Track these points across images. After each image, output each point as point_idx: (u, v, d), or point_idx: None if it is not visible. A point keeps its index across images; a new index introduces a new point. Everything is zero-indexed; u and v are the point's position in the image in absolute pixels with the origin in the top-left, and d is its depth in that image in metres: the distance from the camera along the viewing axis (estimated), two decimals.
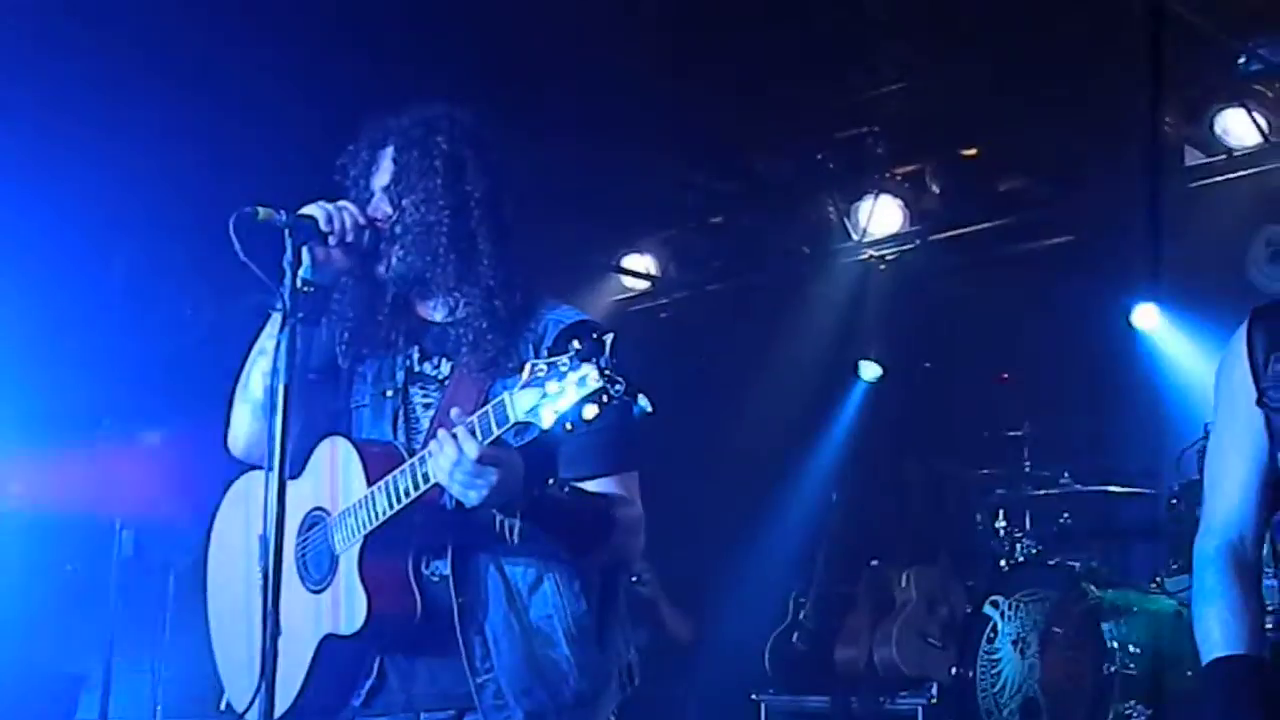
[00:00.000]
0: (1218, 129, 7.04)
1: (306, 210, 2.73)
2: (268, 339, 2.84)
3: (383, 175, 2.83)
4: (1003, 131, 7.53)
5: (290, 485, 2.65)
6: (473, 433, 2.49)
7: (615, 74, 6.85)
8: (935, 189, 7.97)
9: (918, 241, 8.11)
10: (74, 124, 6.46)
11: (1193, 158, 7.20)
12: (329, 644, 2.71)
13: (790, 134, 7.92)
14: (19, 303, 6.23)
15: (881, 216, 8.11)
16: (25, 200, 6.37)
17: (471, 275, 2.78)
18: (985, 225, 7.86)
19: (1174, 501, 6.05)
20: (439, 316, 2.88)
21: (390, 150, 2.83)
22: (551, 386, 2.38)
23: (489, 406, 2.49)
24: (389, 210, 2.80)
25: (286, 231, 2.65)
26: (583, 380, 2.35)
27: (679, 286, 9.05)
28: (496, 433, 2.48)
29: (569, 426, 2.38)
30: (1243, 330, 2.56)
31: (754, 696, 7.63)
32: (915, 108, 7.49)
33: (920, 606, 7.42)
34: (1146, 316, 7.28)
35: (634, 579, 6.88)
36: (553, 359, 2.40)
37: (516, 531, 2.61)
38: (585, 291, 8.63)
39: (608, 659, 2.80)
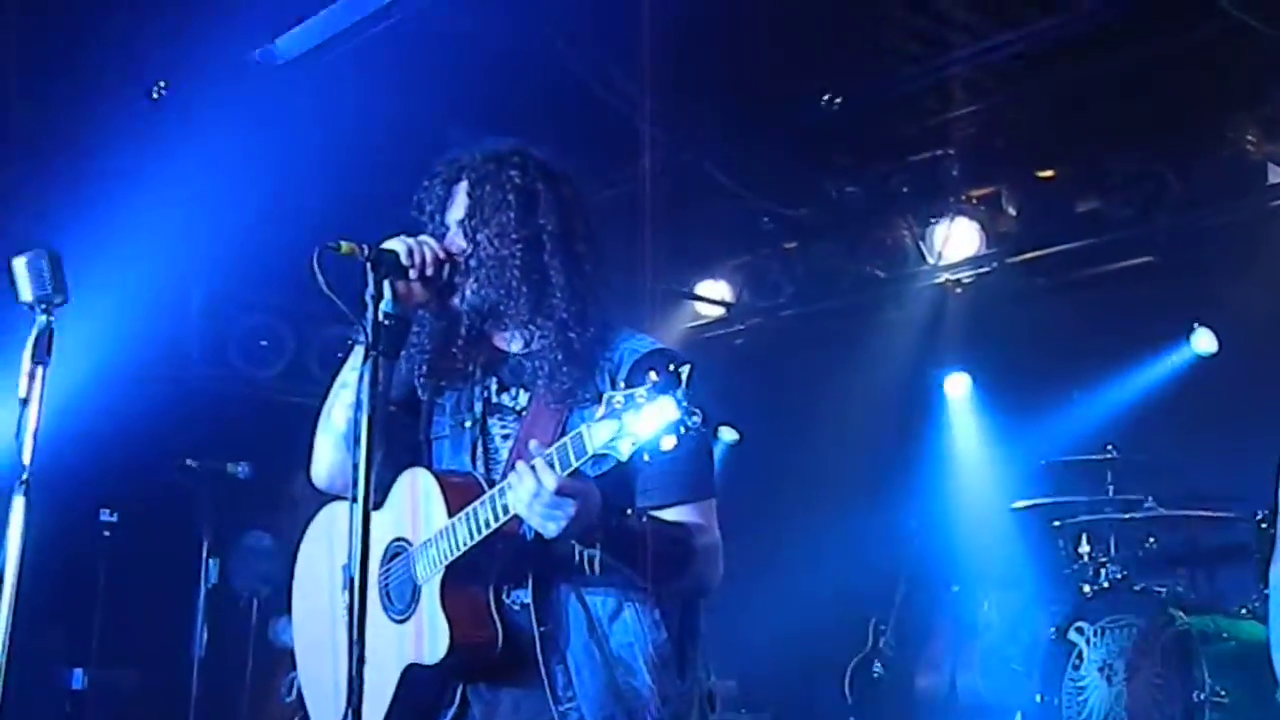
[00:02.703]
0: None
1: (388, 244, 2.78)
2: (350, 371, 2.89)
3: (457, 210, 2.88)
4: (1080, 153, 7.47)
5: (373, 516, 2.70)
6: (551, 465, 2.52)
7: (687, 100, 6.89)
8: (1012, 211, 7.92)
9: (994, 264, 8.05)
10: (154, 157, 6.58)
11: (1276, 176, 7.09)
12: (412, 673, 2.74)
13: (864, 158, 7.91)
14: (101, 334, 6.36)
15: (957, 239, 8.06)
16: (105, 235, 6.50)
17: (545, 308, 2.81)
18: (1063, 247, 7.78)
19: (1263, 524, 5.94)
20: (515, 348, 2.92)
21: (465, 185, 2.88)
22: (629, 418, 2.40)
23: (567, 439, 2.52)
24: (464, 244, 2.85)
25: (369, 265, 2.69)
26: (661, 412, 2.37)
27: (753, 313, 9.04)
28: (575, 464, 2.50)
29: (646, 457, 2.40)
30: None
31: None
32: (990, 130, 7.45)
33: (1003, 632, 7.34)
34: (1204, 341, 7.21)
35: None
36: (630, 390, 2.42)
37: (596, 562, 2.63)
38: (659, 318, 8.66)
39: (688, 687, 2.81)
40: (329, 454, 2.97)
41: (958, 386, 8.43)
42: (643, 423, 2.38)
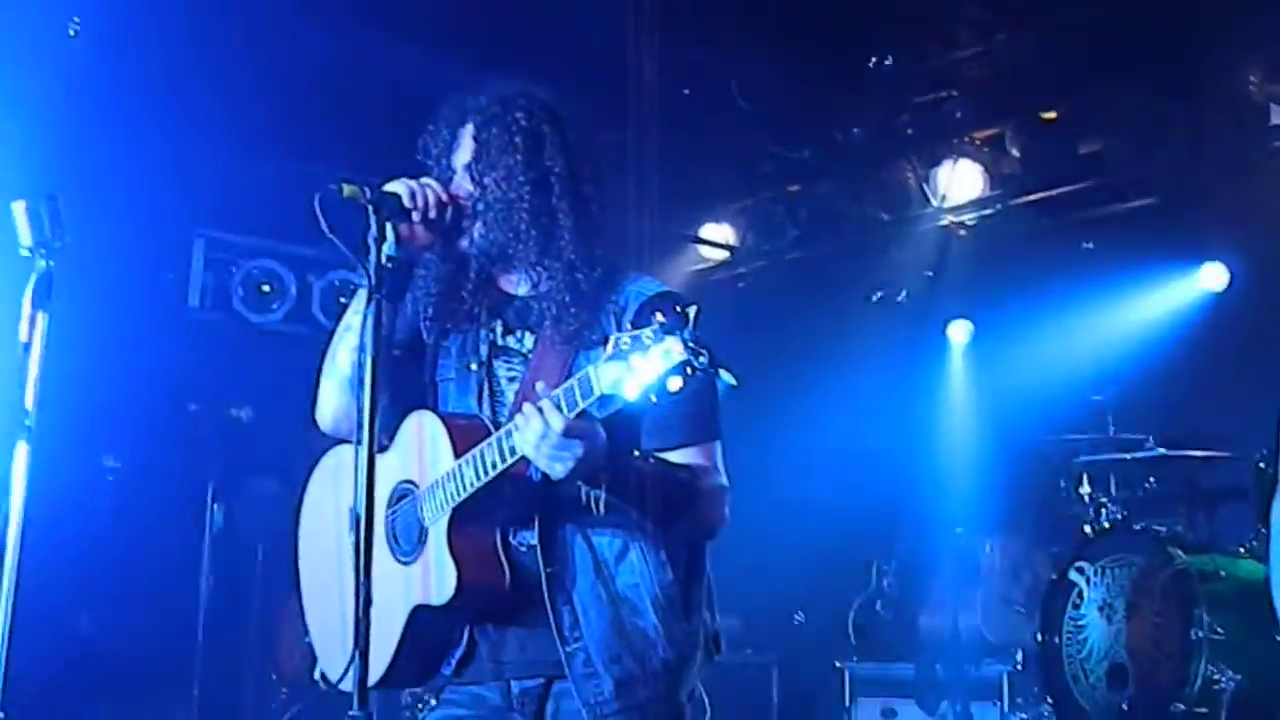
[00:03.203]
0: None
1: (390, 186, 2.77)
2: (353, 315, 2.89)
3: (463, 153, 2.87)
4: (1082, 94, 7.43)
5: (379, 459, 2.70)
6: (558, 406, 2.52)
7: (690, 44, 6.85)
8: (1015, 153, 7.89)
9: (998, 206, 8.03)
10: (155, 101, 6.55)
11: (1278, 117, 7.06)
12: (420, 614, 2.76)
13: (868, 100, 7.87)
14: (103, 280, 6.36)
15: (961, 181, 8.04)
16: (108, 180, 6.48)
17: (553, 249, 2.81)
18: (1066, 189, 7.77)
19: (1261, 465, 5.96)
20: (522, 290, 2.91)
21: (470, 128, 2.87)
22: (636, 359, 2.40)
23: (574, 380, 2.52)
24: (470, 188, 2.84)
25: (371, 208, 2.68)
26: (667, 353, 2.37)
27: (757, 255, 9.04)
28: (581, 405, 2.50)
29: (653, 399, 2.40)
30: None
31: (838, 664, 7.64)
32: (994, 71, 7.42)
33: (1005, 573, 7.38)
34: (1212, 277, 7.20)
35: None
36: (637, 331, 2.42)
37: (602, 502, 2.64)
38: (663, 261, 8.65)
39: (694, 628, 2.82)
40: (334, 398, 2.97)
41: (960, 331, 8.42)
42: (649, 364, 2.38)
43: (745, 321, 8.81)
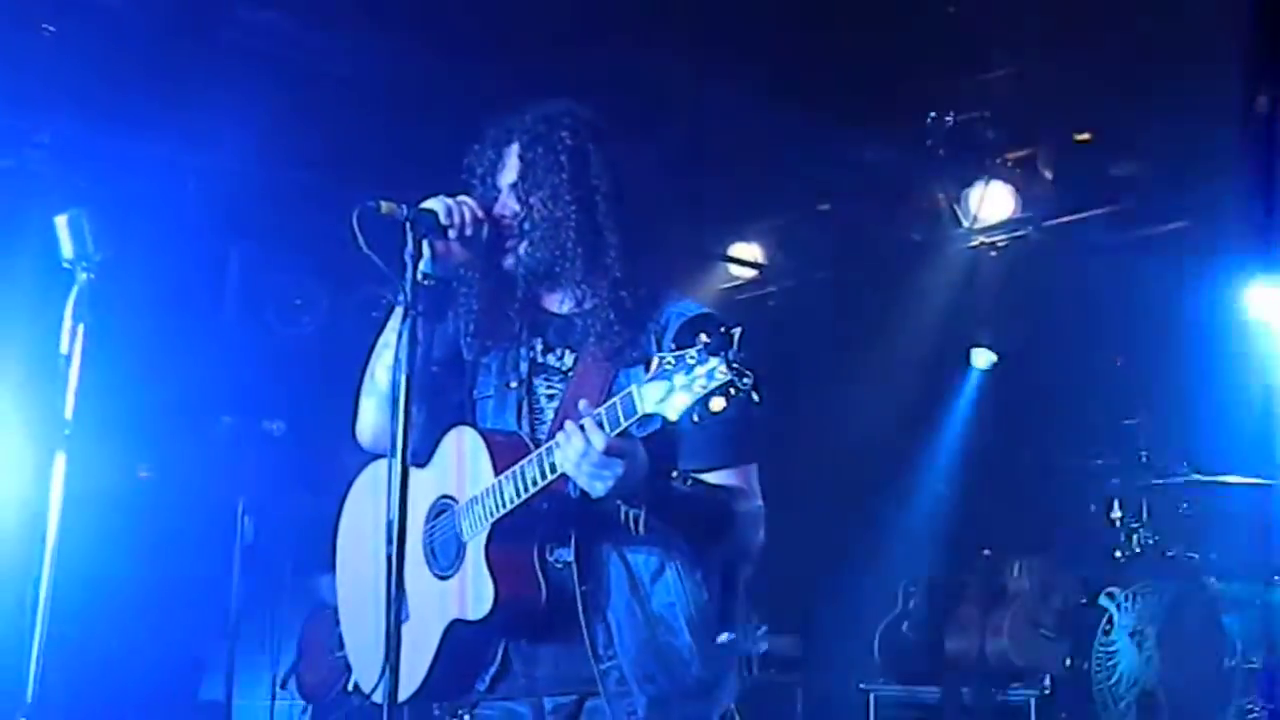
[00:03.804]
0: None
1: (427, 204, 2.79)
2: (391, 332, 2.91)
3: (509, 173, 2.88)
4: (1116, 115, 7.41)
5: (418, 473, 2.73)
6: (600, 425, 2.53)
7: (722, 63, 6.86)
8: (1048, 174, 7.87)
9: (1030, 228, 8.01)
10: (190, 119, 6.59)
11: None
12: (456, 629, 2.77)
13: (899, 120, 7.87)
14: (138, 297, 6.40)
15: (993, 203, 8.02)
16: (143, 195, 6.52)
17: (599, 267, 2.82)
18: (1098, 211, 7.74)
19: None
20: (564, 309, 2.93)
21: (515, 148, 2.88)
22: (679, 379, 2.41)
23: (616, 399, 2.53)
24: (516, 207, 2.85)
25: (408, 225, 2.70)
26: (711, 373, 2.38)
27: (787, 275, 9.03)
28: (624, 424, 2.51)
29: (695, 419, 2.41)
30: None
31: (863, 686, 7.61)
32: (1026, 92, 7.40)
33: (1033, 596, 7.34)
34: (1261, 304, 7.16)
35: None
36: (680, 351, 2.43)
37: (640, 522, 2.65)
38: (693, 280, 8.64)
39: (729, 648, 2.82)
40: (373, 415, 2.99)
41: (983, 356, 8.40)
42: (693, 384, 2.39)
43: (773, 341, 8.79)
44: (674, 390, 2.41)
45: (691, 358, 2.40)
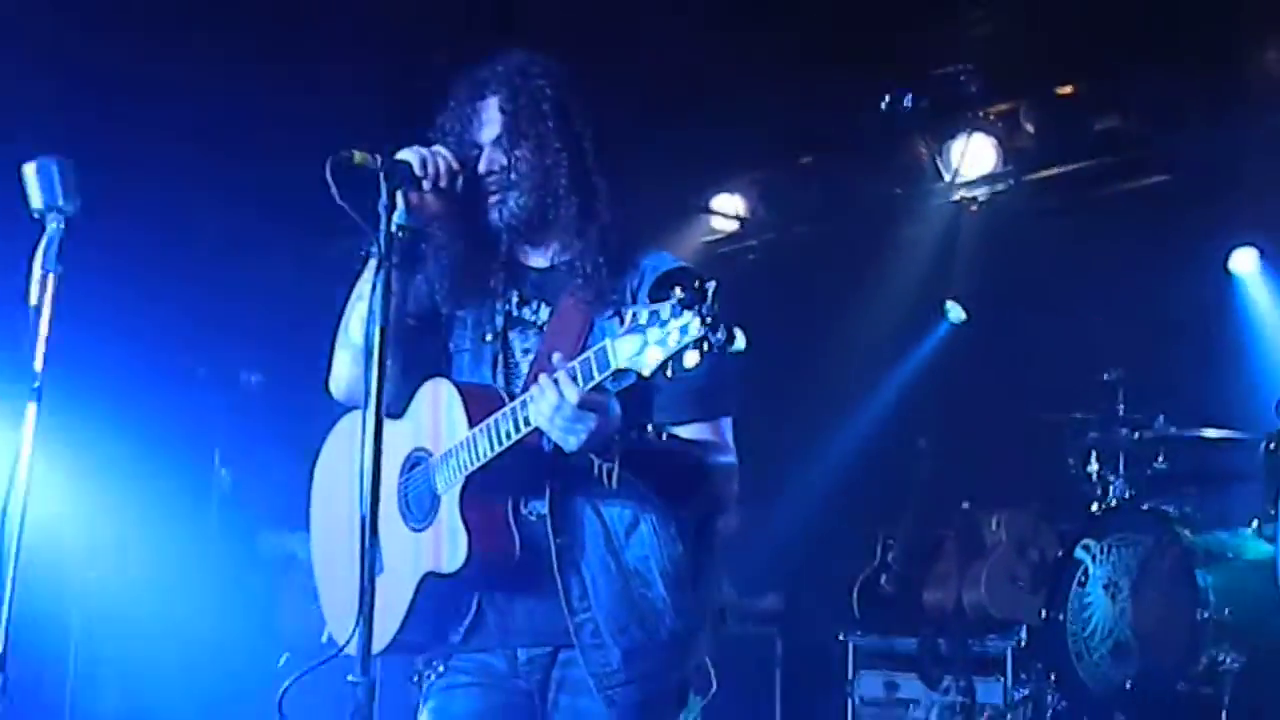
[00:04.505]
0: None
1: (401, 155, 2.76)
2: (365, 284, 2.88)
3: (491, 127, 2.86)
4: (1099, 69, 7.38)
5: (393, 425, 2.72)
6: (574, 378, 2.52)
7: (704, 14, 6.81)
8: (1029, 128, 7.84)
9: (1011, 182, 7.99)
10: (170, 75, 6.53)
11: None
12: (429, 582, 2.77)
13: (881, 73, 7.82)
14: (115, 248, 6.35)
15: (974, 156, 7.99)
16: (122, 147, 6.47)
17: (590, 215, 2.81)
18: (1081, 165, 7.72)
19: (1271, 446, 5.95)
20: (540, 262, 2.92)
21: (494, 101, 2.85)
22: (654, 333, 2.40)
23: (590, 353, 2.52)
24: (504, 160, 2.83)
25: (381, 176, 2.67)
26: (685, 328, 2.37)
27: (768, 228, 9.00)
28: (598, 378, 2.50)
29: (669, 373, 2.40)
30: None
31: (841, 637, 7.65)
32: (1009, 45, 7.36)
33: (1010, 550, 7.37)
34: (1244, 261, 7.19)
35: None
36: (655, 305, 2.41)
37: (614, 475, 2.64)
38: (674, 232, 8.62)
39: (702, 601, 2.84)
40: (347, 367, 2.98)
41: (957, 311, 8.41)
42: (666, 338, 2.38)
43: (755, 293, 8.78)
44: (648, 345, 2.40)
45: (666, 312, 2.39)
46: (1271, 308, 7.19)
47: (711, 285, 2.39)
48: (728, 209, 9.06)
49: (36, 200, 3.08)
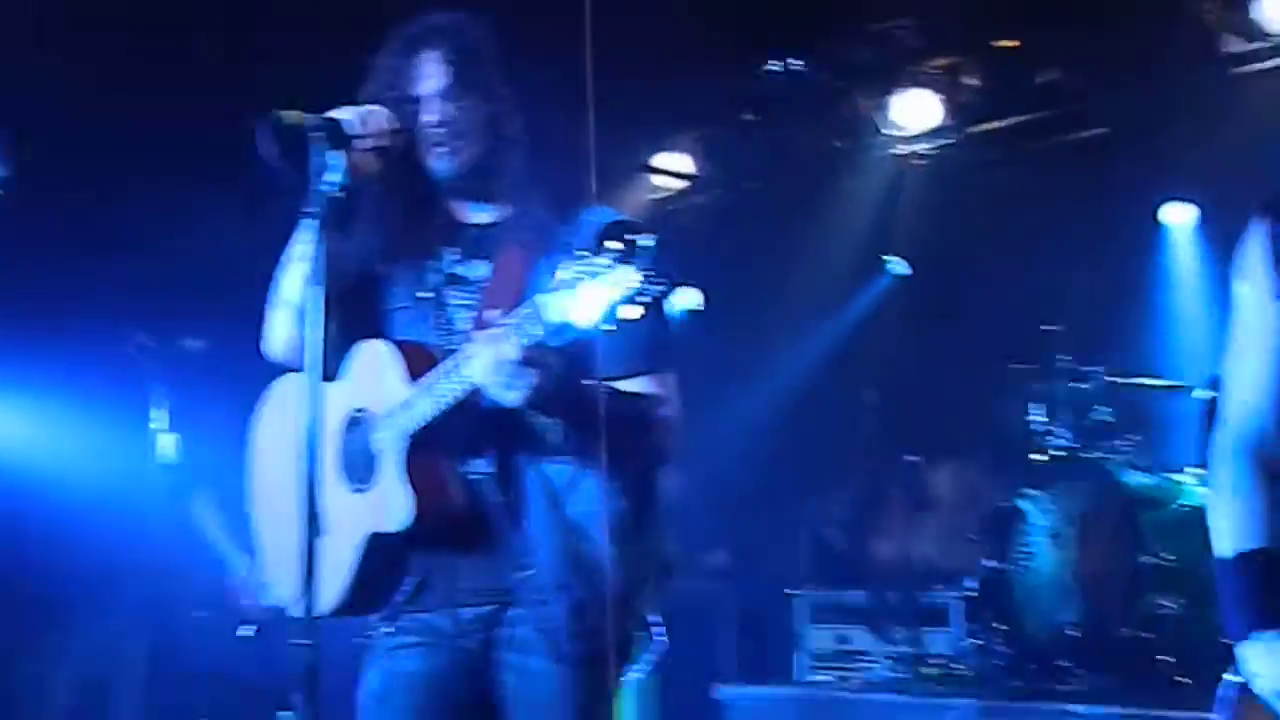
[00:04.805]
0: (1257, 14, 6.88)
1: (335, 113, 2.73)
2: (300, 245, 2.86)
3: (430, 81, 2.84)
4: (1040, 22, 7.40)
5: (331, 387, 2.70)
6: (511, 334, 2.51)
7: None
8: (972, 82, 7.86)
9: (954, 136, 8.02)
10: (97, 36, 6.42)
11: (1233, 45, 7.06)
12: (374, 542, 2.76)
13: (821, 28, 7.81)
14: (46, 212, 6.26)
15: (916, 111, 8.01)
16: (51, 110, 6.36)
17: (509, 174, 2.80)
18: (1022, 119, 7.76)
19: (1198, 394, 6.05)
20: (481, 218, 2.91)
21: (435, 54, 2.84)
22: (588, 288, 2.39)
23: (527, 307, 2.51)
24: (450, 111, 2.81)
25: (315, 134, 2.64)
26: (619, 281, 2.37)
27: (713, 185, 8.99)
28: (535, 333, 2.50)
29: (607, 326, 2.39)
30: (1261, 223, 2.53)
31: (789, 591, 7.71)
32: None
33: (956, 501, 7.46)
34: (1175, 213, 7.29)
35: None
36: (590, 260, 2.41)
37: (556, 431, 2.64)
38: (619, 191, 8.60)
39: (646, 555, 2.84)
40: (282, 328, 2.96)
41: (899, 264, 8.46)
42: (602, 292, 2.38)
43: (701, 249, 8.79)
44: (582, 299, 2.40)
45: (601, 265, 2.39)
46: (1196, 259, 7.29)
47: (648, 239, 2.39)
48: (673, 166, 9.05)
49: None
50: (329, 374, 2.75)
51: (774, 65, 8.14)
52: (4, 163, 3.06)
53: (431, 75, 2.84)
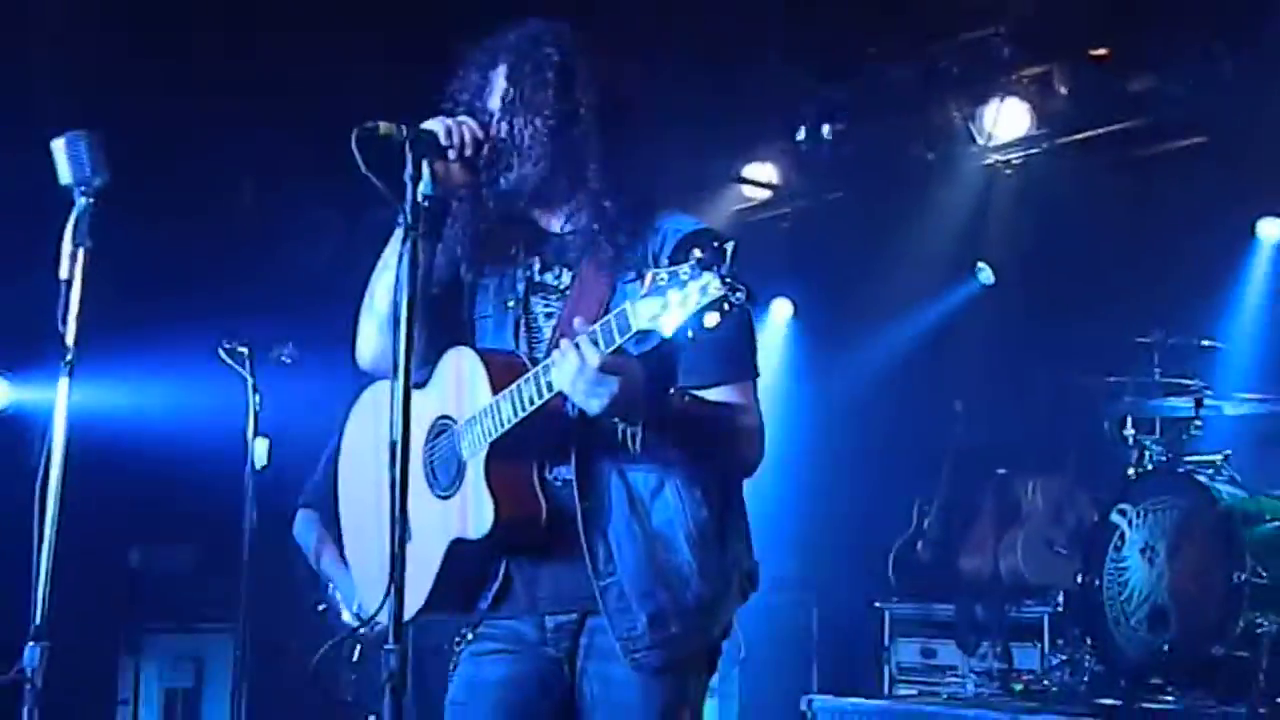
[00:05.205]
0: None
1: (426, 125, 2.77)
2: (391, 254, 2.90)
3: (497, 95, 2.86)
4: (1133, 30, 7.30)
5: (417, 394, 2.72)
6: (595, 342, 2.53)
7: None
8: (1063, 91, 7.76)
9: (1045, 145, 7.92)
10: (201, 46, 6.55)
11: None
12: (457, 548, 2.78)
13: (912, 37, 7.77)
14: (151, 222, 6.39)
15: (1007, 120, 7.92)
16: (156, 124, 6.50)
17: (592, 183, 2.81)
18: (1115, 127, 7.65)
19: None
20: (559, 227, 2.92)
21: (502, 69, 2.86)
22: (673, 295, 2.40)
23: (611, 315, 2.52)
24: (507, 127, 2.83)
25: (407, 146, 2.68)
26: (704, 288, 2.37)
27: (800, 195, 8.97)
28: (618, 341, 2.51)
29: (690, 335, 2.40)
30: None
31: (877, 604, 7.66)
32: (1042, 7, 7.29)
33: (1046, 515, 7.37)
34: (1271, 228, 7.15)
35: None
36: (674, 267, 2.42)
37: (638, 439, 2.65)
38: (706, 201, 8.60)
39: (728, 564, 2.83)
40: (372, 337, 2.99)
41: (988, 273, 8.39)
42: (686, 299, 2.38)
43: (790, 261, 8.78)
44: (667, 306, 2.40)
45: (685, 273, 2.39)
46: None
47: (730, 245, 2.40)
48: (759, 177, 9.03)
49: (65, 175, 3.11)
50: (416, 382, 2.79)
51: (864, 74, 8.11)
52: (99, 171, 3.13)
53: (501, 88, 2.87)
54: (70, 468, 3.02)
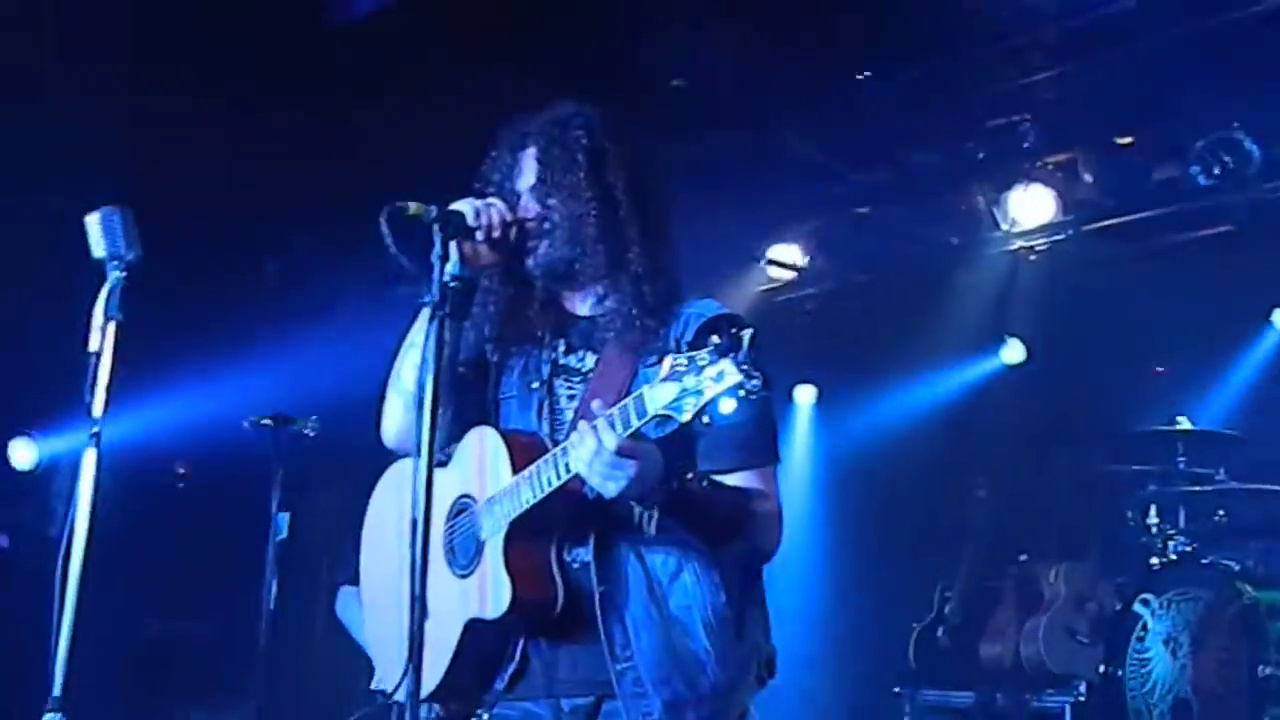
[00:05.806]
0: None
1: (455, 206, 2.81)
2: (418, 332, 2.93)
3: (527, 176, 2.90)
4: (1159, 119, 7.34)
5: (439, 473, 2.74)
6: (612, 425, 2.54)
7: (762, 65, 6.86)
8: (1088, 178, 7.80)
9: (1070, 231, 7.94)
10: (227, 126, 6.64)
11: None
12: (474, 628, 2.79)
13: (939, 123, 7.83)
14: (175, 295, 6.45)
15: (1032, 206, 7.96)
16: (180, 199, 6.58)
17: (620, 264, 2.84)
18: (1140, 215, 7.67)
19: None
20: (585, 310, 2.95)
21: (532, 151, 2.90)
22: (690, 380, 2.42)
23: (629, 400, 2.54)
24: (537, 209, 2.87)
25: (436, 226, 2.71)
26: (720, 375, 2.39)
27: (825, 277, 9.00)
28: (635, 425, 2.52)
29: (706, 420, 2.42)
30: None
31: (897, 690, 7.59)
32: (1067, 95, 7.35)
33: (1069, 603, 7.29)
34: None
35: None
36: (692, 353, 2.44)
37: (654, 522, 2.65)
38: (730, 282, 8.64)
39: (746, 651, 2.82)
40: (398, 414, 3.01)
41: (1014, 352, 8.38)
42: (702, 385, 2.40)
43: (814, 343, 8.80)
44: (685, 392, 2.43)
45: (702, 359, 2.41)
46: None
47: (749, 332, 2.42)
48: (785, 258, 9.08)
49: (99, 249, 3.15)
50: (439, 460, 2.80)
51: (891, 159, 8.17)
52: (132, 245, 3.17)
53: (528, 170, 2.90)
54: (92, 538, 3.03)
